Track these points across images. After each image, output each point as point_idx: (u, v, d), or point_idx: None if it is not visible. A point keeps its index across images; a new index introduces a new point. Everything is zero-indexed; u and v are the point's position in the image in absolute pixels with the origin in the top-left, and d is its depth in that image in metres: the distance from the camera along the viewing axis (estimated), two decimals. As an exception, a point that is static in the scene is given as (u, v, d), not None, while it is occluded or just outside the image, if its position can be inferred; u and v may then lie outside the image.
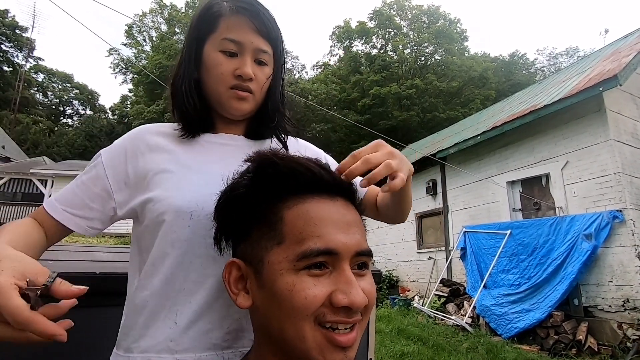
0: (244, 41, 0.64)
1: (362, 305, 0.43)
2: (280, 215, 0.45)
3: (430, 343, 4.50)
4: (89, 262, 1.03)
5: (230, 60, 0.64)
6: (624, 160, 4.68)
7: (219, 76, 0.65)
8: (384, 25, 29.44)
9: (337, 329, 0.43)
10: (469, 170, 6.80)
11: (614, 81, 4.50)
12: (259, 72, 0.66)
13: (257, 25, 0.64)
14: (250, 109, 0.68)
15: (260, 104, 0.70)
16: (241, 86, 0.65)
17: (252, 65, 0.65)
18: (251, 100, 0.67)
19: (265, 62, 0.67)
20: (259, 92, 0.68)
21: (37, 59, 33.07)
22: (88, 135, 31.09)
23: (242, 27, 0.64)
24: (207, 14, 0.66)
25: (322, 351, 0.42)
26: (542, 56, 38.66)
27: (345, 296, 0.42)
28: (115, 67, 34.24)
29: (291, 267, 0.43)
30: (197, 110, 0.68)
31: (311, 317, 0.42)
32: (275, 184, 0.47)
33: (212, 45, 0.65)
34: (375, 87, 24.33)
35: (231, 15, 0.64)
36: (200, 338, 0.57)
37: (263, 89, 0.69)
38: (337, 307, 0.42)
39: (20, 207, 14.26)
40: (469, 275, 6.18)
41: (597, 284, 4.64)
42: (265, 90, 0.69)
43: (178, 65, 0.72)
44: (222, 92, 0.66)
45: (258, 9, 0.65)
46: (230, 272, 0.48)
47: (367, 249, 0.47)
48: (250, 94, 0.66)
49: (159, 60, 27.29)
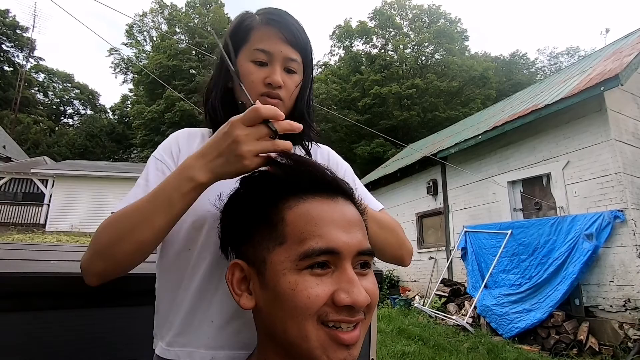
0: (273, 51, 0.67)
1: (365, 304, 0.43)
2: (282, 216, 0.45)
3: (431, 343, 4.50)
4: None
5: (260, 69, 0.68)
6: (625, 160, 4.68)
7: (249, 84, 0.67)
8: (384, 25, 29.43)
9: (340, 327, 0.43)
10: (470, 170, 6.80)
11: (615, 81, 4.49)
12: (289, 80, 0.70)
13: (287, 36, 0.68)
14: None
15: (289, 111, 0.73)
16: (271, 94, 0.68)
17: (282, 74, 0.68)
18: (280, 107, 0.68)
19: (294, 70, 0.70)
20: (288, 99, 0.71)
21: (38, 59, 33.16)
22: (89, 135, 31.13)
23: (272, 38, 0.68)
24: (240, 27, 0.70)
25: (326, 350, 0.42)
26: (542, 56, 38.66)
27: (348, 295, 0.42)
28: (115, 67, 34.30)
29: (293, 267, 0.43)
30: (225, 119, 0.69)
31: (314, 316, 0.42)
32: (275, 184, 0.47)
33: (245, 56, 0.69)
34: (376, 87, 24.33)
35: (262, 26, 0.68)
36: (233, 337, 0.60)
37: (292, 96, 0.72)
38: (339, 306, 0.42)
39: (21, 207, 14.28)
40: (470, 275, 6.18)
41: (598, 283, 4.64)
42: (294, 98, 0.72)
43: (211, 77, 0.76)
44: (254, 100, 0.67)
45: (287, 20, 0.69)
46: (233, 274, 0.48)
47: (368, 248, 0.47)
48: (279, 100, 0.69)
49: (159, 60, 27.33)
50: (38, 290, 0.76)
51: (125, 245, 0.53)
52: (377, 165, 14.43)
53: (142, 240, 0.53)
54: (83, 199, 13.69)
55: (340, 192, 0.49)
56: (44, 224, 13.68)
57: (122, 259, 0.54)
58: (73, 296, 0.80)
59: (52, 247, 1.43)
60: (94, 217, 13.35)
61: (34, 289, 0.76)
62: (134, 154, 31.67)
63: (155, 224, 0.52)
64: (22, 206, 14.31)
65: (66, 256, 1.10)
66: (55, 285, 0.78)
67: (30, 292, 0.76)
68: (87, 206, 13.55)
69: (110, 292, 0.85)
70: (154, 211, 0.52)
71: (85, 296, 0.82)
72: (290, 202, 0.46)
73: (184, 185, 0.52)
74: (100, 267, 0.55)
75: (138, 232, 0.52)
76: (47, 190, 14.63)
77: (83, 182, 14.03)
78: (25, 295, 0.75)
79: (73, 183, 13.98)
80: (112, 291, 0.86)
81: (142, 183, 0.66)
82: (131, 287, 0.89)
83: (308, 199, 0.46)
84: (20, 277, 0.75)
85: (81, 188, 13.89)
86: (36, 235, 11.43)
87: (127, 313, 0.88)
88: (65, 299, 0.80)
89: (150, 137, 26.62)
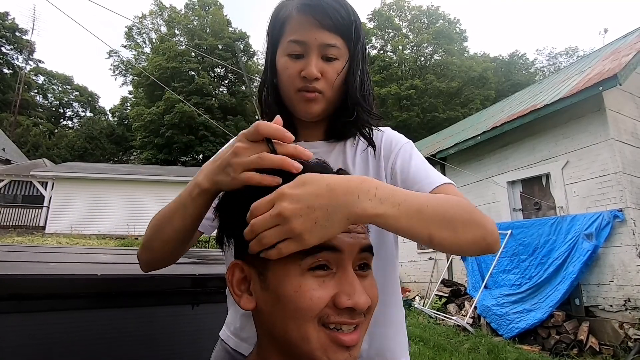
0: (307, 40, 0.62)
1: (366, 307, 0.43)
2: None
3: (432, 343, 4.50)
4: (90, 264, 1.03)
5: (296, 62, 0.64)
6: (624, 160, 4.68)
7: (287, 80, 0.65)
8: (383, 26, 29.49)
9: (341, 329, 0.43)
10: (469, 170, 6.80)
11: (613, 81, 4.50)
12: (328, 68, 0.64)
13: (321, 20, 0.62)
14: (322, 109, 0.66)
15: (336, 101, 0.67)
16: (307, 87, 0.63)
17: (319, 63, 0.63)
18: (321, 100, 0.65)
19: (334, 57, 0.64)
20: (330, 90, 0.65)
21: (37, 62, 33.17)
22: (88, 137, 31.12)
23: (305, 26, 0.63)
24: (276, 19, 0.67)
25: (326, 351, 0.42)
26: (541, 56, 38.77)
27: (349, 298, 0.42)
28: (115, 69, 34.32)
29: (296, 268, 0.43)
30: (279, 112, 0.67)
31: (315, 318, 0.42)
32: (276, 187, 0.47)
33: (282, 50, 0.66)
34: (375, 88, 24.24)
35: (296, 15, 0.64)
36: None
37: (335, 86, 0.65)
38: (340, 309, 0.42)
39: (21, 209, 14.27)
40: (470, 276, 6.18)
41: (598, 283, 4.64)
42: (337, 86, 0.66)
43: (263, 73, 0.74)
44: (292, 96, 0.66)
45: (322, 2, 0.62)
46: (233, 274, 0.48)
47: (369, 244, 0.47)
48: (319, 93, 0.64)
49: (158, 62, 27.32)
50: (37, 291, 0.76)
51: (156, 241, 0.61)
52: (376, 166, 14.39)
53: (166, 238, 0.60)
54: (82, 201, 13.69)
55: None
56: (44, 226, 13.67)
57: (157, 253, 0.62)
58: (72, 297, 0.81)
59: (51, 248, 1.43)
60: (93, 220, 13.37)
61: (33, 291, 0.76)
62: (133, 155, 31.67)
63: (174, 224, 0.58)
64: (21, 208, 14.30)
65: (65, 258, 1.10)
66: (54, 286, 0.78)
67: (30, 293, 0.76)
68: (86, 208, 13.55)
69: (110, 294, 0.86)
70: (174, 213, 0.58)
71: (85, 297, 0.82)
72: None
73: (193, 190, 0.55)
74: (145, 257, 0.64)
75: (163, 231, 0.59)
76: (46, 193, 14.63)
77: (83, 184, 14.02)
78: (25, 297, 0.75)
79: (72, 185, 13.97)
80: (112, 292, 0.86)
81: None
82: (130, 288, 0.89)
83: None
84: (19, 279, 0.75)
85: (81, 190, 13.88)
86: (36, 238, 11.42)
87: (127, 314, 0.88)
88: (65, 300, 0.80)
89: (149, 139, 26.61)
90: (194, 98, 26.36)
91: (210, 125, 24.88)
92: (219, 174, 0.50)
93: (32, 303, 0.76)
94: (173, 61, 27.52)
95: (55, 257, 1.08)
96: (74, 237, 12.30)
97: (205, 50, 27.96)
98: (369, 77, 0.72)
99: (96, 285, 0.83)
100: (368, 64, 0.73)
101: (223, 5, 33.32)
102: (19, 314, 0.75)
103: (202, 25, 31.76)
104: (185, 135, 25.93)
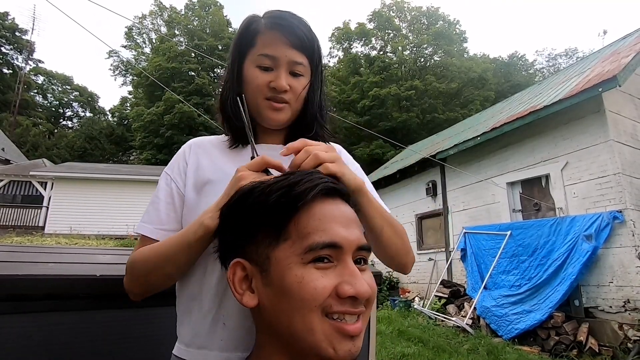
0: (278, 55, 0.68)
1: (367, 295, 0.45)
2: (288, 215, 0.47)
3: (431, 344, 4.49)
4: (90, 264, 1.03)
5: (266, 74, 0.69)
6: (624, 161, 4.69)
7: (255, 89, 0.70)
8: (383, 27, 29.52)
9: (345, 319, 0.44)
10: (469, 171, 6.81)
11: (613, 82, 4.50)
12: (295, 82, 0.70)
13: (291, 40, 0.68)
14: (287, 118, 0.73)
15: (298, 113, 0.74)
16: (276, 98, 0.70)
17: (287, 77, 0.69)
18: (287, 110, 0.71)
19: (300, 74, 0.71)
20: (295, 102, 0.72)
21: (37, 62, 33.15)
22: (88, 137, 31.10)
23: (277, 42, 0.68)
24: (246, 31, 0.72)
25: (332, 342, 0.43)
26: (541, 57, 38.83)
27: (352, 286, 0.44)
28: (115, 69, 34.32)
29: (299, 261, 0.45)
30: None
31: (319, 308, 0.43)
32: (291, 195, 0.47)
33: (251, 61, 0.71)
34: (375, 89, 24.37)
35: (267, 31, 0.69)
36: (245, 337, 0.62)
37: (300, 98, 0.72)
38: (343, 298, 0.44)
39: (20, 209, 14.26)
40: (469, 277, 6.18)
41: (597, 284, 4.64)
42: (302, 99, 0.73)
43: (225, 81, 0.77)
44: (259, 104, 0.71)
45: (292, 23, 0.69)
46: (235, 273, 0.49)
47: (367, 243, 0.50)
48: (286, 104, 0.71)
49: (158, 62, 27.32)
50: (36, 292, 0.76)
51: (155, 277, 0.63)
52: (376, 166, 14.43)
53: (168, 273, 0.63)
54: (82, 202, 13.68)
55: (338, 194, 0.52)
56: (43, 226, 13.65)
57: (154, 285, 0.65)
58: (71, 298, 0.80)
59: (51, 249, 1.43)
60: (93, 220, 13.35)
61: (32, 291, 0.76)
62: (133, 156, 31.66)
63: (178, 262, 0.62)
64: (21, 209, 14.28)
65: (64, 258, 1.10)
66: (53, 287, 0.78)
67: (29, 294, 0.76)
68: (86, 209, 13.54)
69: (110, 295, 0.85)
70: (177, 251, 0.61)
71: (84, 298, 0.82)
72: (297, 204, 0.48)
73: (198, 231, 0.58)
74: (138, 290, 0.66)
75: (166, 268, 0.62)
76: (46, 193, 14.61)
77: (82, 184, 14.01)
78: (24, 298, 0.75)
79: (72, 185, 13.96)
80: (111, 293, 0.86)
81: (154, 200, 0.73)
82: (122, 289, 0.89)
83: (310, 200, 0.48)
84: (18, 279, 0.75)
85: (80, 190, 13.87)
86: (35, 238, 11.40)
87: (127, 315, 0.88)
88: (64, 300, 0.79)
89: (149, 139, 26.59)
90: (194, 98, 26.35)
91: (210, 126, 24.85)
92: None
93: (31, 304, 0.76)
94: (173, 61, 27.53)
95: (55, 258, 1.08)
96: (74, 237, 12.28)
97: (205, 50, 27.99)
98: (325, 96, 0.80)
99: (95, 285, 0.83)
100: (325, 84, 0.82)
101: (223, 5, 33.38)
102: (18, 314, 0.75)
103: (202, 26, 31.78)
104: (185, 135, 25.86)
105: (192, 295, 0.67)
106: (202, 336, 0.64)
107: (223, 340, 0.62)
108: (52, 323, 0.78)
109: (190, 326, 0.66)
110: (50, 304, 0.78)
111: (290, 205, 0.47)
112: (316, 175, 0.50)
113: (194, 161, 0.74)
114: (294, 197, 0.47)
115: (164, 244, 0.63)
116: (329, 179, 0.51)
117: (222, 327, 0.62)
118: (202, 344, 0.64)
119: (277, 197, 0.47)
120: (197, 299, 0.66)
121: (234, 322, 0.62)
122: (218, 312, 0.63)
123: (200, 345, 0.64)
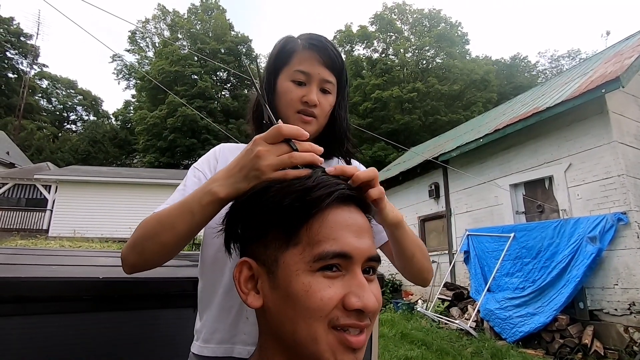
0: (311, 72, 0.75)
1: (374, 310, 0.44)
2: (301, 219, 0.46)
3: (434, 347, 4.47)
4: (93, 267, 1.03)
5: (299, 88, 0.75)
6: (628, 162, 4.66)
7: (288, 102, 0.75)
8: (385, 30, 29.58)
9: (349, 331, 0.43)
10: (472, 173, 6.78)
11: (616, 83, 4.49)
12: (324, 99, 0.77)
13: (324, 59, 0.75)
14: (314, 131, 0.78)
15: (322, 128, 0.81)
16: (306, 111, 0.75)
17: (318, 94, 0.75)
18: (314, 124, 0.77)
19: (329, 91, 0.77)
20: (323, 117, 0.78)
21: (42, 66, 33.49)
22: (91, 140, 31.28)
23: (311, 61, 0.75)
24: (283, 49, 0.78)
25: (334, 353, 0.42)
26: (543, 59, 38.69)
27: (359, 299, 0.43)
28: (118, 73, 34.60)
29: (307, 268, 0.43)
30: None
31: (325, 319, 0.42)
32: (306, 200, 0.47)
33: (285, 76, 0.76)
34: (377, 91, 24.41)
35: (303, 50, 0.76)
36: None
37: (326, 115, 0.79)
38: (349, 310, 0.43)
39: (24, 212, 14.34)
40: (473, 279, 6.15)
41: (602, 287, 4.60)
42: (327, 116, 0.80)
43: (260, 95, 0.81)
44: (290, 116, 0.76)
45: (326, 45, 0.76)
46: (241, 271, 0.49)
47: (377, 254, 0.49)
48: (314, 118, 0.76)
49: (161, 66, 27.50)
50: (40, 294, 0.77)
51: (152, 244, 0.59)
52: (379, 169, 14.33)
53: (165, 242, 0.58)
54: (86, 205, 13.74)
55: (354, 201, 0.51)
56: (47, 229, 13.72)
57: (148, 256, 0.60)
58: (75, 300, 0.81)
59: (54, 252, 1.44)
60: (96, 223, 13.41)
61: (36, 293, 0.76)
62: (136, 159, 31.80)
63: (177, 229, 0.57)
64: (25, 212, 14.36)
65: (68, 261, 1.11)
66: (57, 289, 0.78)
67: (33, 296, 0.76)
68: (89, 212, 13.60)
69: (113, 297, 0.86)
70: (178, 218, 0.57)
71: (87, 300, 0.82)
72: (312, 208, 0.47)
73: (204, 198, 0.55)
74: (132, 259, 0.62)
75: (162, 235, 0.58)
76: (50, 196, 14.69)
77: (86, 187, 14.08)
78: (28, 300, 0.76)
79: (76, 189, 14.03)
80: (114, 296, 0.86)
81: (180, 188, 0.74)
82: (132, 291, 0.89)
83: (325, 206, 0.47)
84: (22, 282, 0.75)
85: (84, 194, 13.94)
86: (39, 241, 11.46)
87: (129, 317, 0.88)
88: (67, 302, 0.80)
89: (152, 142, 26.72)
90: (197, 101, 26.49)
91: (212, 129, 24.97)
92: (241, 182, 0.53)
93: (35, 306, 0.77)
94: (176, 65, 27.69)
95: (58, 260, 1.09)
96: (77, 240, 12.34)
97: (207, 54, 28.14)
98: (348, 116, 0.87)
99: (98, 288, 0.83)
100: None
101: (225, 9, 33.60)
102: (22, 316, 0.75)
103: (205, 29, 31.98)
104: (187, 138, 26.01)
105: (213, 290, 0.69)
106: (222, 331, 0.66)
107: (246, 334, 0.64)
108: (56, 325, 0.79)
109: (209, 322, 0.68)
110: (53, 306, 0.78)
111: (304, 211, 0.46)
112: (333, 181, 0.49)
113: (224, 161, 0.78)
114: (308, 203, 0.46)
115: (165, 210, 0.60)
116: (346, 185, 0.50)
117: (245, 321, 0.65)
118: (222, 338, 0.65)
119: (291, 201, 0.46)
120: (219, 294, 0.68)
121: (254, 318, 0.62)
122: (241, 306, 0.66)
123: (220, 340, 0.65)
